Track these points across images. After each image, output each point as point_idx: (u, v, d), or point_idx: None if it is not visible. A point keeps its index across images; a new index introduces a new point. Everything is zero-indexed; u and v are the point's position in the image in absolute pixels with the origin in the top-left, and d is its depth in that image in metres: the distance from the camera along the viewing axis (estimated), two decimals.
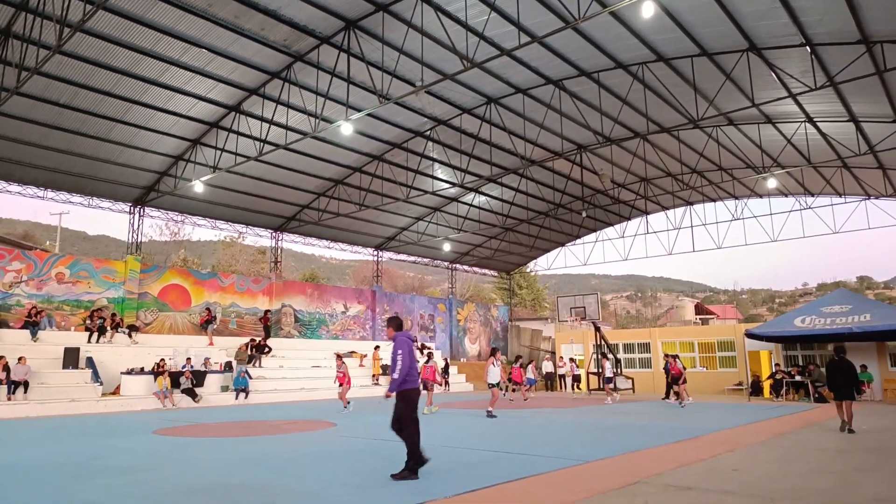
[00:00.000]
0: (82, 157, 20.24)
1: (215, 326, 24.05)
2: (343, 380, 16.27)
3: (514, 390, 21.65)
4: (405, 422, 6.74)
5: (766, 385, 22.52)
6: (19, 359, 16.59)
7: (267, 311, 26.27)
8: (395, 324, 7.03)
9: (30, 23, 13.62)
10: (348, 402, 16.10)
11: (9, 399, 15.99)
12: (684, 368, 19.76)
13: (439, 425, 13.24)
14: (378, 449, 9.41)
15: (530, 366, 22.92)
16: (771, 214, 30.18)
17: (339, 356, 17.41)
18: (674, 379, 19.36)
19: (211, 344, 22.69)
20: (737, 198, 30.78)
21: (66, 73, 16.44)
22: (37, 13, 13.35)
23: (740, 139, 22.97)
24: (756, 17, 14.74)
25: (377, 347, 26.63)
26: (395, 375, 6.79)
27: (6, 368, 16.24)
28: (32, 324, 19.20)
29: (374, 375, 25.54)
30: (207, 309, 24.11)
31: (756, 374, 23.80)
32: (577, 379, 27.66)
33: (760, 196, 30.27)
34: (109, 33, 15.12)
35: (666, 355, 20.56)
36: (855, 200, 27.92)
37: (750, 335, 22.40)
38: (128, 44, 15.59)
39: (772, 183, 25.61)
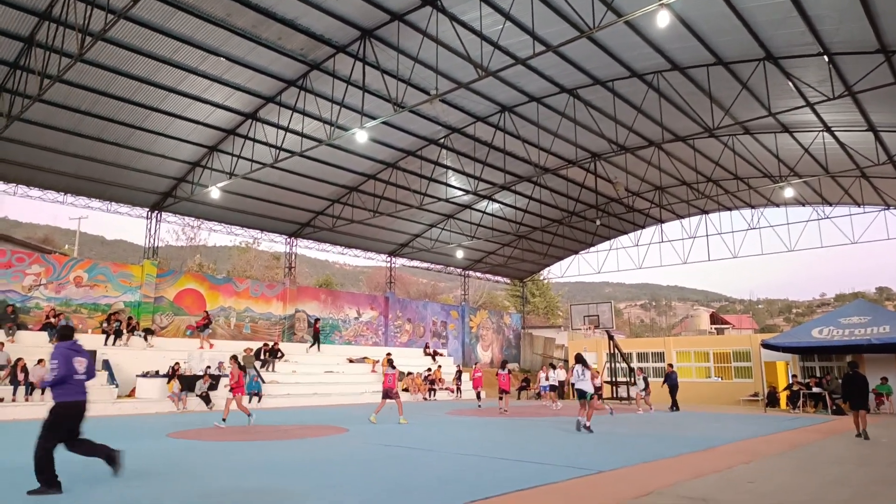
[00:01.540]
0: (102, 162, 20.56)
1: (210, 332, 23.79)
2: (234, 384, 13.82)
3: (500, 398, 21.06)
4: (43, 431, 6.41)
5: (783, 396, 22.24)
6: (39, 361, 16.81)
7: (317, 320, 27.50)
8: (60, 333, 7.14)
9: (52, 32, 13.91)
10: (250, 414, 14.01)
11: (26, 400, 16.22)
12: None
13: (451, 433, 13.23)
14: (391, 454, 9.43)
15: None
16: (788, 224, 29.90)
17: (233, 358, 14.12)
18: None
19: (201, 348, 22.29)
20: (753, 207, 30.53)
21: (86, 81, 16.76)
22: (59, 22, 13.64)
23: (756, 148, 22.79)
24: (772, 25, 14.67)
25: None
26: (49, 378, 6.85)
27: (24, 370, 16.47)
28: (51, 326, 19.46)
29: None
30: (206, 313, 24.00)
31: (772, 385, 23.50)
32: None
33: (777, 205, 29.99)
34: (130, 42, 15.41)
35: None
36: (874, 210, 27.56)
37: (766, 346, 22.13)
38: (148, 52, 15.88)
39: (788, 192, 25.36)
